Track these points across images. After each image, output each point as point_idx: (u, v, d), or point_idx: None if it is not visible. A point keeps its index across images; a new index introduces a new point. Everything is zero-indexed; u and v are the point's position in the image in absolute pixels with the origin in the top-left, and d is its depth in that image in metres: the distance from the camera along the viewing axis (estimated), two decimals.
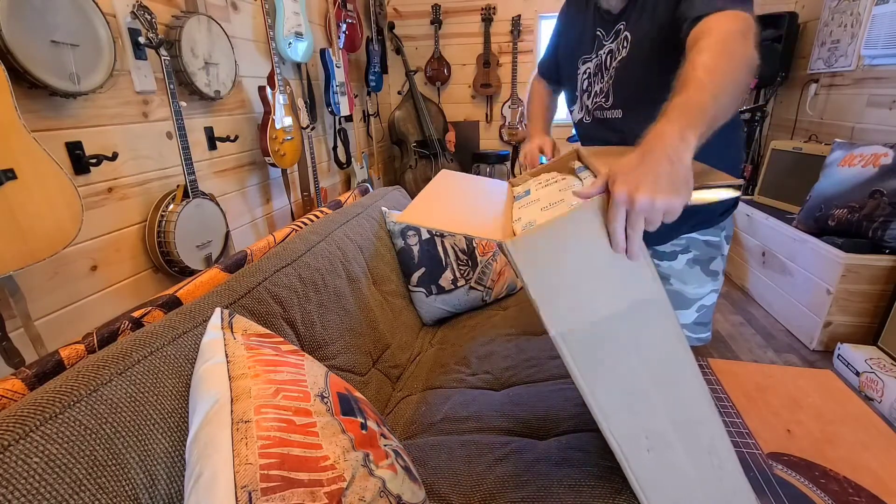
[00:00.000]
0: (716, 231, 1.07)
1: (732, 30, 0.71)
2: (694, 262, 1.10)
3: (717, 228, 1.07)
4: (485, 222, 0.71)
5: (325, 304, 1.14)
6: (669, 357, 0.64)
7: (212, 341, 0.71)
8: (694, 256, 1.09)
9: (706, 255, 1.09)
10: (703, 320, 1.16)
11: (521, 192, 0.84)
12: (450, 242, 1.58)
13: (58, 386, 0.59)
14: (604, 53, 1.00)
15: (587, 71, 1.06)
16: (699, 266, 1.10)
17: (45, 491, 0.50)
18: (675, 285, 1.12)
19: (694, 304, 1.14)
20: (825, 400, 1.76)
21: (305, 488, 0.54)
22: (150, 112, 1.51)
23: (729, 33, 0.70)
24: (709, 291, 1.12)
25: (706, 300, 1.13)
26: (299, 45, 2.25)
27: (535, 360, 1.27)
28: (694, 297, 1.13)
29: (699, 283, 1.11)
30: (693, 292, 1.12)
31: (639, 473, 0.68)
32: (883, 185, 1.89)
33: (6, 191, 0.99)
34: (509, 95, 3.71)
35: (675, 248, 1.09)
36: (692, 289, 1.12)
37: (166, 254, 1.47)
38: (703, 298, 1.13)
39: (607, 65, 0.99)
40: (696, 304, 1.14)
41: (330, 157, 2.86)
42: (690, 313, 1.15)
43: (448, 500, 0.85)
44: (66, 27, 1.14)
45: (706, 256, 1.09)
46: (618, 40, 0.96)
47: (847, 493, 1.36)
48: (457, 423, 1.06)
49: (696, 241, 1.08)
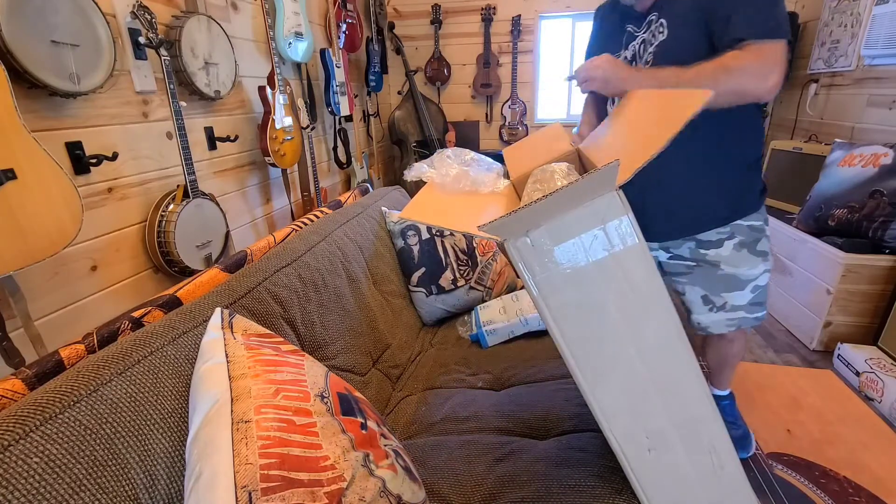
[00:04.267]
0: (758, 215, 1.16)
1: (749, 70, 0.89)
2: (741, 246, 1.17)
3: (759, 213, 1.16)
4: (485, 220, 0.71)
5: (326, 304, 1.14)
6: (670, 357, 0.64)
7: (212, 341, 0.71)
8: (740, 241, 1.16)
9: (751, 238, 1.16)
10: (759, 300, 1.23)
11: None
12: (450, 242, 1.58)
13: (58, 386, 0.59)
14: (636, 44, 1.10)
15: None
16: (746, 249, 1.17)
17: (45, 491, 0.50)
18: (727, 269, 1.19)
19: (748, 285, 1.21)
20: (825, 400, 1.76)
21: (305, 488, 0.54)
22: (150, 112, 1.51)
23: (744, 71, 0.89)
24: (762, 272, 1.20)
25: (760, 280, 1.20)
26: (299, 45, 2.25)
27: (535, 360, 1.27)
28: (747, 278, 1.20)
29: (751, 265, 1.18)
30: (746, 273, 1.19)
31: (639, 473, 0.68)
32: (883, 185, 1.89)
33: (6, 191, 0.99)
34: (509, 95, 3.71)
35: (721, 236, 1.17)
36: (745, 270, 1.19)
37: (166, 254, 1.47)
38: (756, 279, 1.20)
39: (640, 53, 1.09)
40: (750, 285, 1.21)
41: (330, 157, 2.86)
42: (745, 294, 1.22)
43: (448, 500, 0.85)
44: (66, 27, 1.14)
45: (751, 239, 1.16)
46: (651, 30, 1.06)
47: (847, 493, 1.36)
48: (457, 423, 1.06)
49: (741, 226, 1.16)
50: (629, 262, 0.61)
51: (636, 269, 0.61)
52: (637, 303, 0.62)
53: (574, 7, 3.51)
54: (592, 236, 0.60)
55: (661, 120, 0.73)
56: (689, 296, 1.29)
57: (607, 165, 0.53)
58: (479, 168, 1.04)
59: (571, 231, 0.59)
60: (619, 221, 0.60)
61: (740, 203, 1.15)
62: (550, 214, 0.58)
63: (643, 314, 0.62)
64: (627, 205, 0.59)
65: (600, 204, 0.59)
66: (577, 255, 0.60)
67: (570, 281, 0.61)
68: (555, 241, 0.59)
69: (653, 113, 0.81)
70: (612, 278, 0.61)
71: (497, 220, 0.55)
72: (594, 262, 0.60)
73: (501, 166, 1.12)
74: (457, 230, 1.16)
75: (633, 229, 0.60)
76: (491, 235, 0.62)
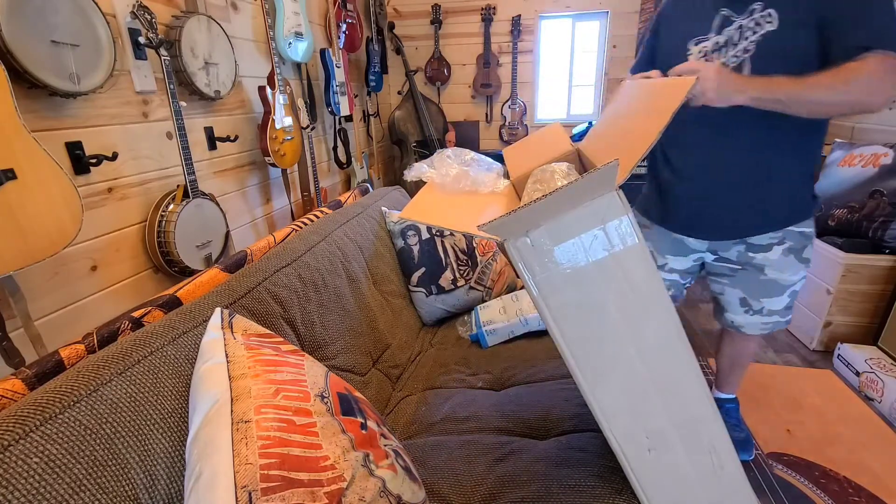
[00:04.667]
0: (809, 221, 1.17)
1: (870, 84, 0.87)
2: (789, 252, 1.17)
3: (810, 220, 1.16)
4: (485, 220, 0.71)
5: (325, 304, 1.14)
6: (670, 357, 0.64)
7: (212, 341, 0.71)
8: (789, 247, 1.17)
9: (800, 244, 1.17)
10: (791, 304, 1.26)
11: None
12: (450, 242, 1.58)
13: (58, 386, 0.59)
14: (732, 29, 1.05)
15: (703, 50, 1.10)
16: (793, 255, 1.18)
17: (44, 491, 0.50)
18: (770, 274, 1.20)
19: (787, 291, 1.22)
20: (825, 400, 1.76)
21: (305, 488, 0.54)
22: (150, 112, 1.51)
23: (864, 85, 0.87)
24: (801, 278, 1.21)
25: (797, 286, 1.22)
26: (299, 45, 2.25)
27: (535, 360, 1.27)
28: (788, 283, 1.21)
29: (794, 271, 1.19)
30: (788, 279, 1.20)
31: (639, 473, 0.68)
32: (883, 185, 1.89)
33: (6, 191, 0.98)
34: (509, 95, 3.71)
35: (772, 241, 1.17)
36: (787, 276, 1.20)
37: (166, 254, 1.47)
38: (795, 284, 1.22)
39: (736, 40, 1.05)
40: (788, 291, 1.22)
41: (330, 157, 2.86)
42: (783, 299, 1.24)
43: (448, 500, 0.85)
44: (66, 27, 1.14)
45: (800, 245, 1.17)
46: (753, 17, 1.02)
47: (847, 493, 1.36)
48: (457, 423, 1.06)
49: (792, 232, 1.16)
50: (629, 262, 0.61)
51: (636, 269, 0.61)
52: (637, 303, 0.62)
53: (574, 7, 3.51)
54: (592, 236, 0.60)
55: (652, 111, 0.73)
56: (728, 297, 1.29)
57: (606, 165, 0.53)
58: (479, 168, 1.05)
59: (571, 231, 0.59)
60: (619, 221, 0.60)
61: (798, 208, 1.15)
62: (550, 214, 0.58)
63: (643, 314, 0.62)
64: (627, 204, 0.59)
65: (600, 204, 0.59)
66: (577, 255, 0.60)
67: (570, 281, 0.61)
68: (555, 241, 0.59)
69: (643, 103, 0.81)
70: (612, 278, 0.61)
71: (497, 219, 0.55)
72: (594, 262, 0.60)
73: (501, 166, 1.12)
74: (457, 230, 1.16)
75: (633, 229, 0.60)
76: (491, 235, 0.62)
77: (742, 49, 1.03)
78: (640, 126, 0.75)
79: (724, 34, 1.06)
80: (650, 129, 0.63)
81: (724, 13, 1.07)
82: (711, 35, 1.09)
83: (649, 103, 0.79)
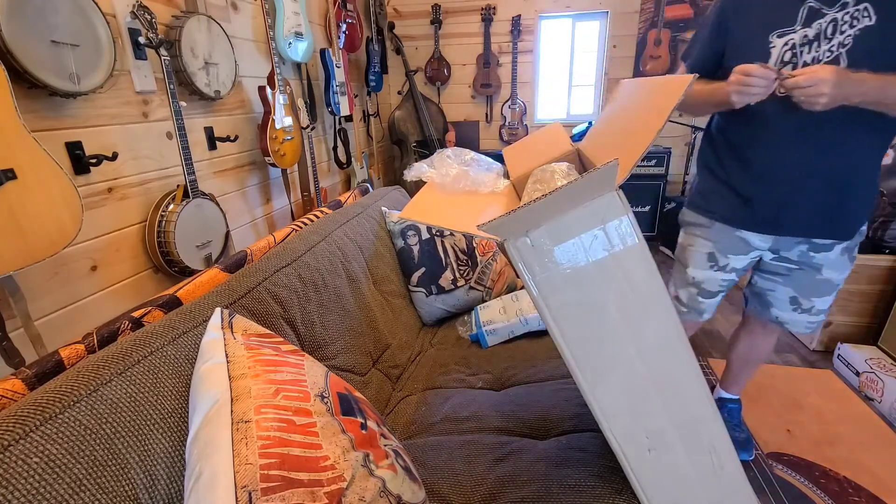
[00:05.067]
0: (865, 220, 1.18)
1: None
2: (845, 251, 1.18)
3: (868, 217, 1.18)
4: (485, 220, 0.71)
5: (325, 304, 1.14)
6: (670, 357, 0.64)
7: (212, 341, 0.71)
8: (846, 246, 1.17)
9: (854, 244, 1.18)
10: (833, 303, 1.27)
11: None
12: (450, 242, 1.58)
13: (58, 386, 0.59)
14: (824, 22, 1.02)
15: (789, 42, 1.06)
16: (848, 254, 1.19)
17: (44, 491, 0.50)
18: (826, 274, 1.20)
19: (835, 290, 1.23)
20: (825, 400, 1.76)
21: (305, 488, 0.54)
22: (150, 112, 1.51)
23: None
24: (845, 276, 1.22)
25: (842, 284, 1.23)
26: (299, 45, 2.25)
27: (535, 360, 1.27)
28: (837, 283, 1.22)
29: (844, 270, 1.21)
30: (838, 279, 1.21)
31: (639, 473, 0.68)
32: (883, 185, 1.89)
33: (6, 191, 0.98)
34: (509, 95, 3.71)
35: (835, 241, 1.17)
36: (838, 275, 1.21)
37: (166, 254, 1.47)
38: (841, 284, 1.23)
39: (828, 34, 1.02)
40: (835, 290, 1.24)
41: (330, 157, 2.86)
42: (830, 299, 1.25)
43: (448, 500, 0.85)
44: (66, 27, 1.14)
45: (854, 244, 1.18)
46: (847, 10, 1.00)
47: (847, 493, 1.36)
48: (457, 423, 1.06)
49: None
50: (629, 262, 0.61)
51: (636, 269, 0.61)
52: (637, 303, 0.62)
53: (574, 7, 3.51)
54: (592, 236, 0.60)
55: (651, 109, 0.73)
56: (778, 294, 1.29)
57: (606, 165, 0.53)
58: (479, 168, 1.04)
59: (571, 231, 0.59)
60: (619, 221, 0.60)
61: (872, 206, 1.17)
62: (550, 214, 0.58)
63: (643, 314, 0.62)
64: (627, 204, 0.59)
65: (600, 204, 0.59)
66: (577, 255, 0.60)
67: (570, 281, 0.61)
68: (555, 241, 0.59)
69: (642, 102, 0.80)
70: (612, 278, 0.61)
71: (497, 219, 0.55)
72: (594, 262, 0.60)
73: (501, 166, 1.12)
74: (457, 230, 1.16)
75: (633, 229, 0.60)
76: (491, 235, 0.62)
77: (838, 44, 1.00)
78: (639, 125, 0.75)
79: (815, 27, 1.02)
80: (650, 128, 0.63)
81: (811, 5, 1.03)
82: (798, 27, 1.04)
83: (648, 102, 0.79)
